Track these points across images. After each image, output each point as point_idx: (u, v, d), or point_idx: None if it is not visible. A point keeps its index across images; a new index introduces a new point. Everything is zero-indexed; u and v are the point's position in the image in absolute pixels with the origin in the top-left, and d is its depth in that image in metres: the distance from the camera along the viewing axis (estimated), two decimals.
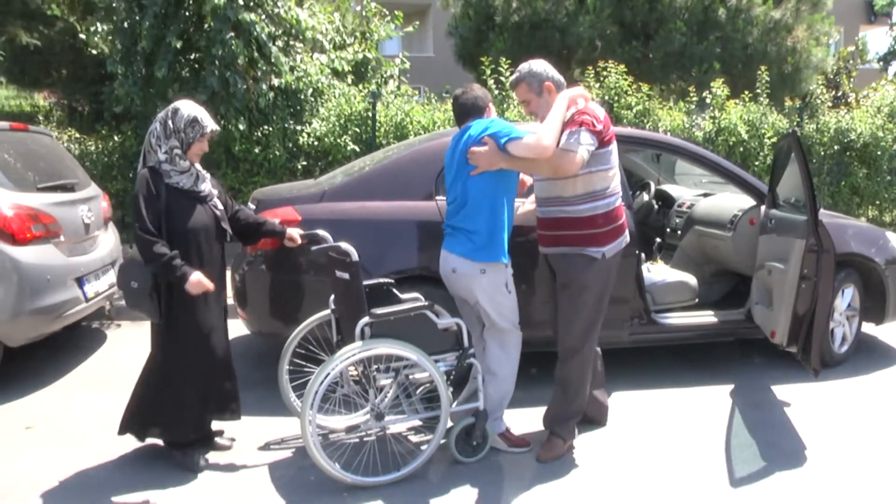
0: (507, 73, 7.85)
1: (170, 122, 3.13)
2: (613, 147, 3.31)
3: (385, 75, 10.14)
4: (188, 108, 3.17)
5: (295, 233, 3.54)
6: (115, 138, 7.85)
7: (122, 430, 3.32)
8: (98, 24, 7.47)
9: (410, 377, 3.23)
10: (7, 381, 4.30)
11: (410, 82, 13.66)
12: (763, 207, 4.49)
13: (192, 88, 6.77)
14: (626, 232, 3.42)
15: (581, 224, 3.27)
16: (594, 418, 3.72)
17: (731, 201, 5.04)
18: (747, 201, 4.78)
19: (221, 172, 7.47)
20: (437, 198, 4.14)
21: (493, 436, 3.43)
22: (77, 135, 8.32)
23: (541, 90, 3.31)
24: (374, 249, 4.04)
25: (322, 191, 4.25)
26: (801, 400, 4.12)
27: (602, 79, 7.80)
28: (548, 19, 10.03)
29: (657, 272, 4.79)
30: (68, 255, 4.70)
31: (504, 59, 7.93)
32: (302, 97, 7.58)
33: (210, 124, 3.21)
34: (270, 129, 7.39)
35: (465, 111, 3.35)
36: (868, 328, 5.17)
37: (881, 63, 21.21)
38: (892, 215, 9.45)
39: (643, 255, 4.48)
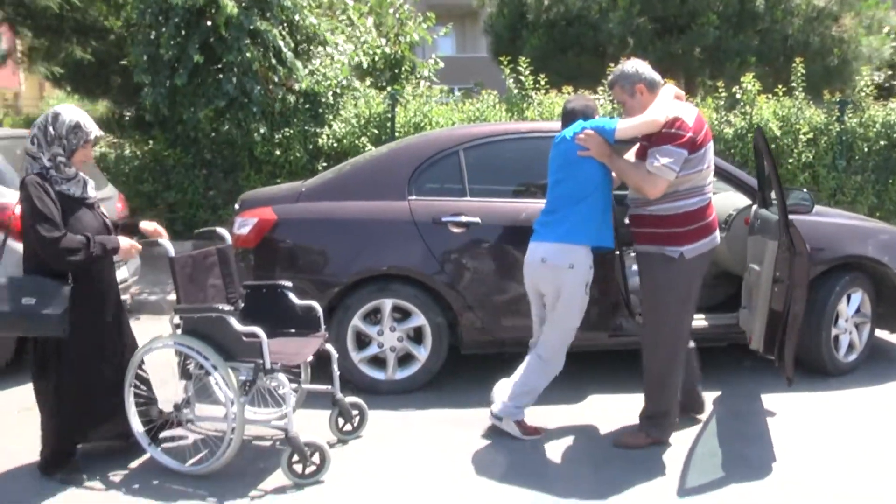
0: (527, 73, 7.79)
1: (50, 129, 2.96)
2: (708, 147, 3.32)
3: (419, 76, 10.22)
4: (70, 112, 3.01)
5: (148, 226, 3.32)
6: (150, 143, 8.20)
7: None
8: (132, 39, 7.81)
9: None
10: (12, 369, 4.52)
11: (462, 82, 13.66)
12: (754, 207, 4.30)
13: (213, 95, 7.00)
14: (715, 233, 3.41)
15: (662, 223, 3.32)
16: (692, 409, 3.76)
17: (729, 200, 4.82)
18: (744, 201, 4.59)
19: (245, 174, 7.70)
20: (410, 197, 4.16)
21: (508, 421, 3.53)
22: (115, 140, 8.73)
23: (633, 92, 3.38)
24: (345, 248, 4.13)
25: (300, 191, 4.34)
26: (790, 410, 3.92)
27: None
28: (580, 15, 9.88)
29: None
30: None
31: (523, 59, 7.86)
32: (322, 100, 7.72)
33: (94, 130, 3.05)
34: (291, 131, 7.56)
35: (574, 115, 3.51)
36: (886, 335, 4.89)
37: None
38: None
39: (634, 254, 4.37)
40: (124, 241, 3.07)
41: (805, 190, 4.32)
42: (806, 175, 8.05)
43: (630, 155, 3.54)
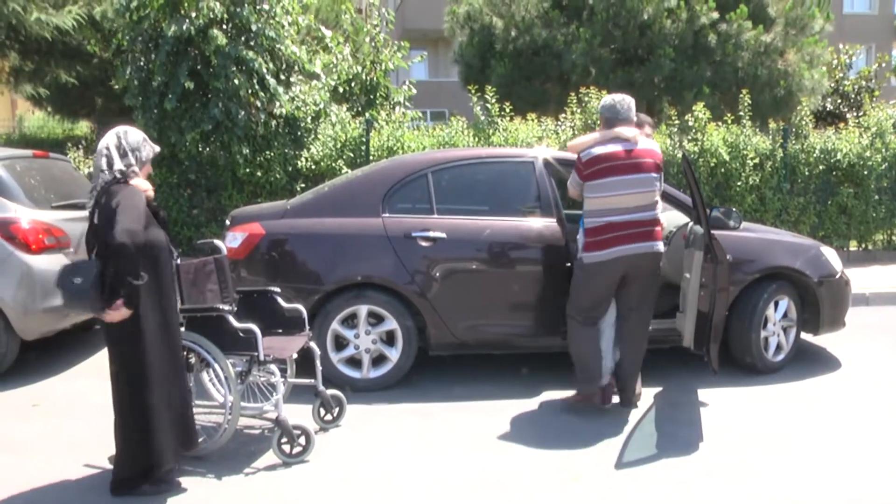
0: (493, 101, 8.38)
1: (124, 143, 3.17)
2: (601, 182, 3.99)
3: (393, 101, 10.74)
4: (134, 130, 3.25)
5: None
6: None
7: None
8: (121, 64, 8.23)
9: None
10: (22, 369, 5.00)
11: (434, 106, 14.19)
12: (691, 224, 4.84)
13: (199, 119, 7.44)
14: (611, 249, 3.97)
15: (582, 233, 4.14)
16: (626, 400, 4.31)
17: (671, 219, 5.38)
18: (684, 219, 5.13)
19: (227, 194, 8.12)
20: (384, 215, 4.64)
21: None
22: None
23: (600, 119, 4.31)
24: (325, 259, 4.59)
25: (285, 208, 4.80)
26: (721, 402, 4.43)
27: (584, 104, 8.22)
28: (546, 46, 10.52)
29: None
30: None
31: (490, 88, 8.46)
32: (302, 125, 8.20)
33: (154, 146, 3.32)
34: (272, 154, 8.02)
35: None
36: (823, 339, 5.52)
37: None
38: (886, 235, 9.56)
39: None
40: (120, 311, 3.02)
41: (734, 209, 4.88)
42: (753, 197, 8.70)
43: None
